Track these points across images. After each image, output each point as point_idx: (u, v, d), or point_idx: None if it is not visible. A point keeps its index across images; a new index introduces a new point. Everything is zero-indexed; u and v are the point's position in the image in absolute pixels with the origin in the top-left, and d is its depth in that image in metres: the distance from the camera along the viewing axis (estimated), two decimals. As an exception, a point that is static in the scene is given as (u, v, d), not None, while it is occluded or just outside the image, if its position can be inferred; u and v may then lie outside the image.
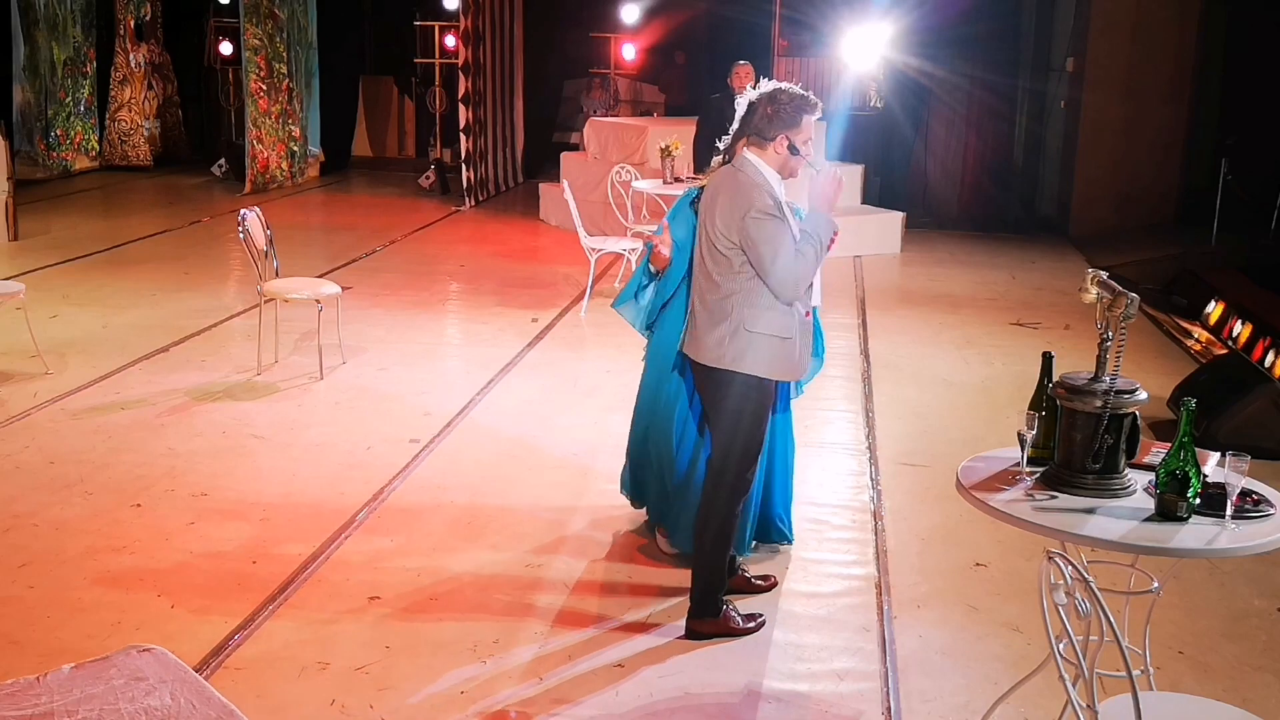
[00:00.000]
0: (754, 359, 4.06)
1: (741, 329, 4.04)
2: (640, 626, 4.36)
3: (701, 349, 4.15)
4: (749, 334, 4.04)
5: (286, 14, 14.99)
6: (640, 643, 4.24)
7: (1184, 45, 12.78)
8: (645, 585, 4.67)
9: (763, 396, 4.16)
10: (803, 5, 12.92)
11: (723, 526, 4.24)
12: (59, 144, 15.58)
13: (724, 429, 4.20)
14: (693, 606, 4.30)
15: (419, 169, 15.85)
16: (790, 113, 4.03)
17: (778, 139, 4.04)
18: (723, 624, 4.28)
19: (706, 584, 4.28)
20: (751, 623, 4.33)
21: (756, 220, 3.95)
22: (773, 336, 4.05)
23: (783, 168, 4.10)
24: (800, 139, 4.05)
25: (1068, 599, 2.79)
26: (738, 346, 4.05)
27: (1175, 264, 10.23)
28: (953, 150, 13.78)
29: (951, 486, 3.59)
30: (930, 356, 8.15)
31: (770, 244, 3.94)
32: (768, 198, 3.99)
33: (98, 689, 2.75)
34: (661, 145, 9.69)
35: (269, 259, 7.27)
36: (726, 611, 4.29)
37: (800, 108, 4.04)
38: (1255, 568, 4.87)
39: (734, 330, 4.05)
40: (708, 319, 4.12)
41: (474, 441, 6.28)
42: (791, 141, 4.04)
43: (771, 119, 4.03)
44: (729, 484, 4.21)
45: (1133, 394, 3.27)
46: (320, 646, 4.16)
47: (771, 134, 4.04)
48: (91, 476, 5.64)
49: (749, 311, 4.03)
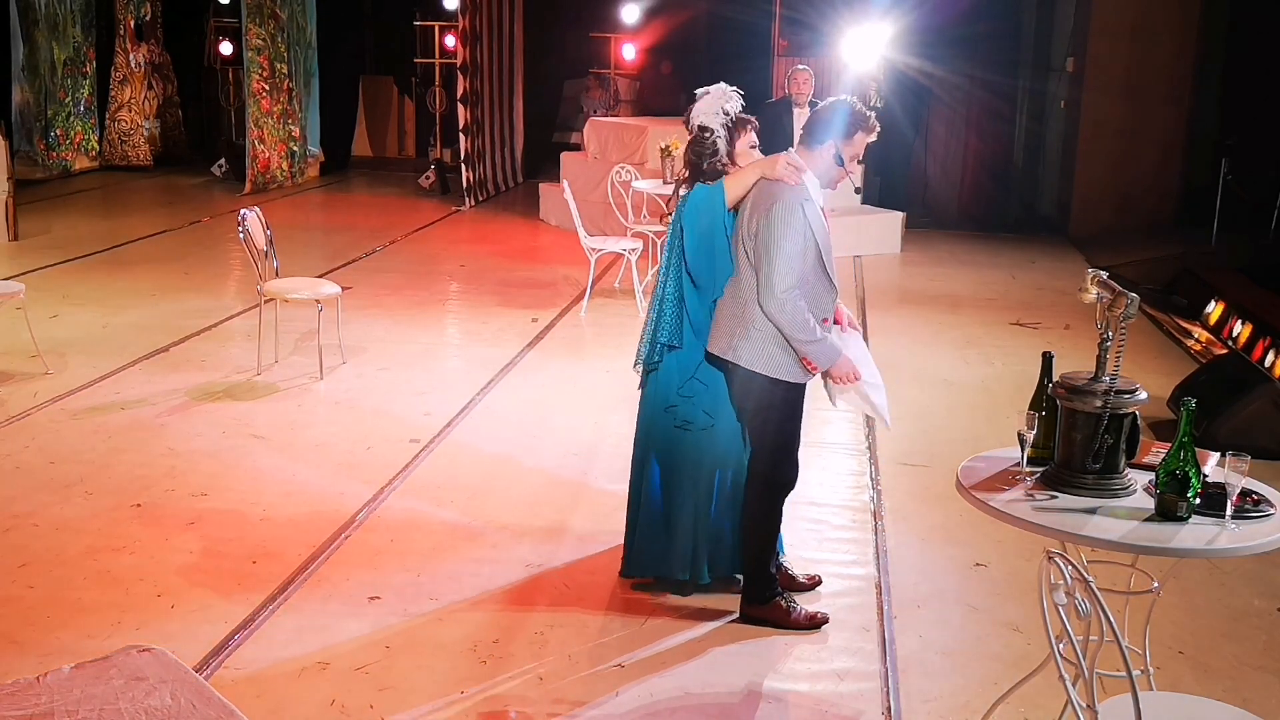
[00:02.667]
0: (765, 359, 4.13)
1: (753, 326, 4.12)
2: (641, 626, 4.35)
3: (721, 344, 4.23)
4: (758, 331, 4.11)
5: (286, 14, 15.00)
6: (640, 643, 4.24)
7: (1184, 45, 12.77)
8: (645, 585, 4.67)
9: (788, 393, 4.21)
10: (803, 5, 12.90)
11: (767, 521, 4.35)
12: (59, 144, 15.58)
13: (754, 426, 4.31)
14: (745, 590, 4.43)
15: (419, 169, 15.85)
16: (848, 123, 4.12)
17: (827, 144, 4.14)
18: (773, 611, 4.36)
19: (755, 573, 4.38)
20: (805, 619, 4.36)
21: (770, 219, 4.02)
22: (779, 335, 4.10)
23: (825, 174, 4.17)
24: (849, 151, 4.15)
25: (1068, 599, 2.79)
26: (752, 343, 4.13)
27: (1175, 264, 10.22)
28: (953, 150, 13.78)
29: (951, 486, 3.59)
30: (930, 356, 8.15)
31: (781, 241, 4.00)
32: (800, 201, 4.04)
33: (98, 689, 2.75)
34: (661, 145, 9.69)
35: (269, 259, 7.27)
36: (778, 601, 4.37)
37: (858, 123, 4.14)
38: (1255, 568, 4.87)
39: (748, 327, 4.13)
40: (728, 319, 4.20)
41: (474, 441, 6.28)
42: (840, 151, 4.13)
43: (828, 124, 4.14)
44: (770, 480, 4.31)
45: (1133, 394, 3.27)
46: (320, 647, 4.16)
47: (823, 138, 4.14)
48: (91, 476, 5.64)
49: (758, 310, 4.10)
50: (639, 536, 4.57)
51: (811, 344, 4.10)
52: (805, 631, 4.34)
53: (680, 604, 4.49)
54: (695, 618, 4.42)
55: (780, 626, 4.34)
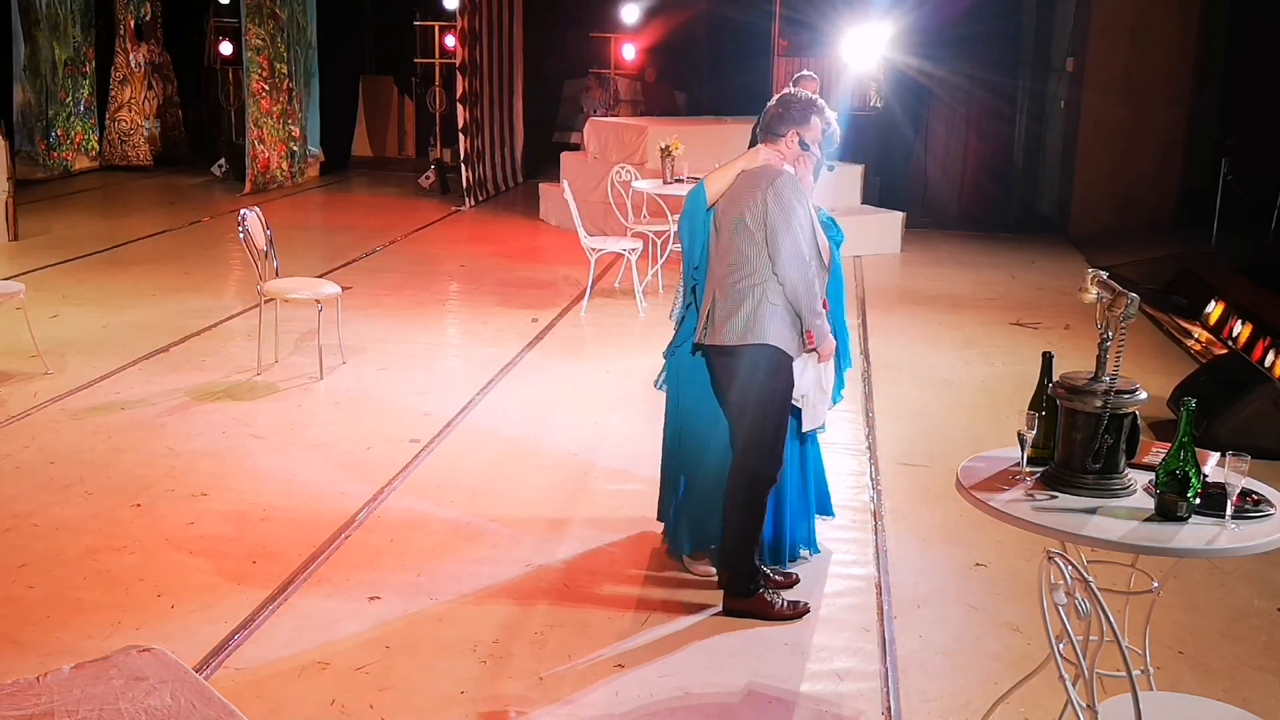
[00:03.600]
0: (775, 330, 4.23)
1: (765, 300, 4.23)
2: (640, 626, 4.36)
3: (722, 332, 4.28)
4: (771, 305, 4.22)
5: (286, 14, 14.99)
6: (640, 642, 4.24)
7: (1184, 46, 12.78)
8: (645, 585, 4.68)
9: (777, 378, 4.28)
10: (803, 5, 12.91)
11: (750, 513, 4.38)
12: (59, 144, 15.58)
13: (738, 413, 4.37)
14: (729, 584, 4.47)
15: (419, 169, 15.85)
16: (799, 111, 4.36)
17: (788, 135, 4.36)
18: (757, 604, 4.39)
19: (739, 567, 4.42)
20: (789, 610, 4.41)
21: (776, 191, 4.20)
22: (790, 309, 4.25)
23: (795, 163, 4.36)
24: (809, 136, 4.37)
25: (1068, 599, 2.79)
26: (760, 318, 4.23)
27: (1175, 264, 10.22)
28: (953, 150, 13.78)
29: (951, 486, 3.59)
30: (930, 356, 8.15)
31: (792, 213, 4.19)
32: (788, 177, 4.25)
33: (98, 689, 2.75)
34: (661, 145, 9.70)
35: (269, 259, 7.27)
36: (762, 594, 4.40)
37: (808, 108, 4.38)
38: (1255, 568, 4.87)
39: (757, 304, 4.22)
40: (729, 305, 4.27)
41: (474, 441, 6.28)
42: (802, 137, 4.35)
43: (781, 117, 4.38)
44: (752, 471, 4.34)
45: (1133, 394, 3.27)
46: (320, 646, 4.16)
47: (782, 130, 4.37)
48: (91, 476, 5.64)
49: (772, 285, 4.22)
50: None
51: (819, 317, 4.30)
52: (789, 622, 4.37)
53: (680, 604, 4.49)
54: (695, 617, 4.42)
55: (764, 619, 4.37)
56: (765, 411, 4.31)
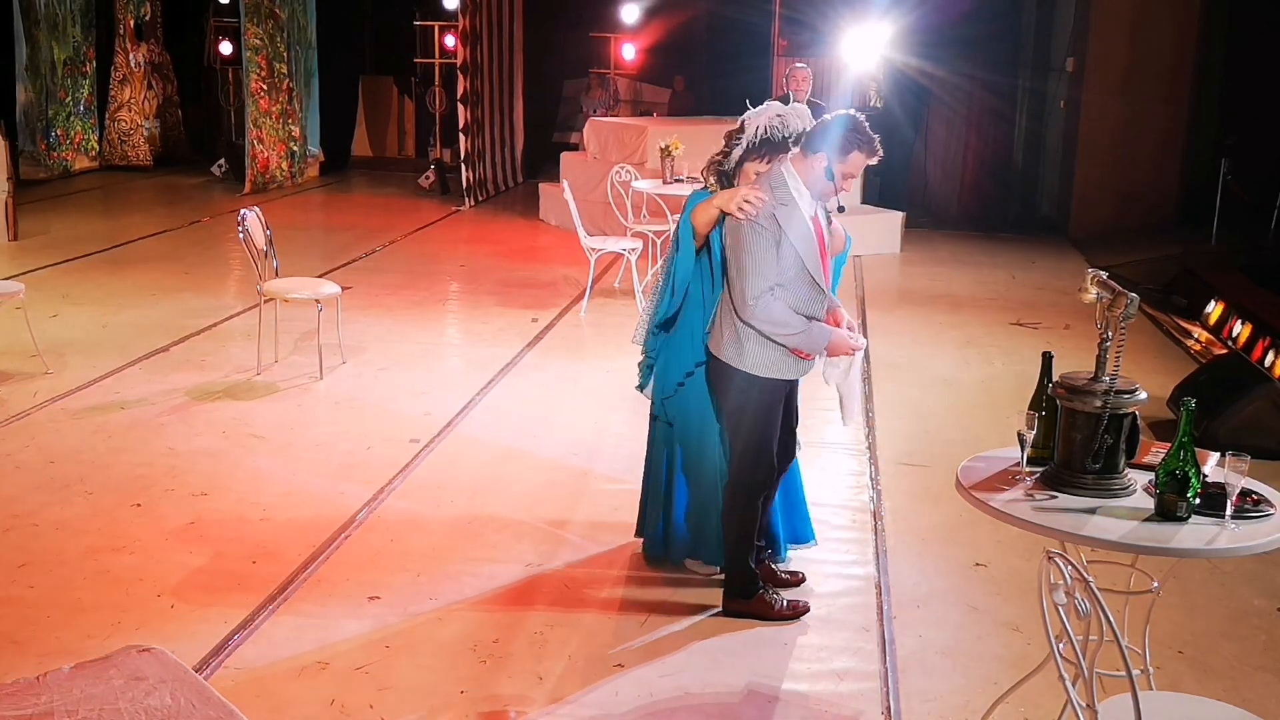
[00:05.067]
0: (752, 356, 4.16)
1: (735, 328, 4.17)
2: (640, 626, 4.36)
3: (712, 342, 4.30)
4: (745, 329, 4.14)
5: (286, 14, 14.99)
6: (640, 643, 4.24)
7: (1184, 45, 12.78)
8: (645, 585, 4.68)
9: (765, 394, 4.24)
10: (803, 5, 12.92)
11: (743, 520, 4.37)
12: (59, 144, 15.57)
13: (729, 425, 4.38)
14: (727, 587, 4.47)
15: (419, 169, 15.85)
16: (845, 138, 4.02)
17: (820, 155, 4.04)
18: (756, 605, 4.40)
19: (737, 571, 4.42)
20: (788, 609, 4.42)
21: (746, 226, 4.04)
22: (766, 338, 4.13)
23: (814, 185, 4.09)
24: (840, 170, 4.04)
25: (1067, 599, 2.79)
26: (739, 343, 4.17)
27: (1175, 264, 10.22)
28: (953, 150, 13.78)
29: (951, 486, 3.59)
30: (930, 356, 8.15)
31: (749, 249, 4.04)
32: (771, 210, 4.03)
33: (98, 689, 2.75)
34: (661, 145, 9.69)
35: (269, 259, 7.27)
36: (762, 595, 4.41)
37: (854, 140, 4.03)
38: (1255, 568, 4.87)
39: (736, 328, 4.17)
40: (718, 320, 4.27)
41: (474, 441, 6.28)
42: (831, 165, 4.03)
43: (824, 134, 4.04)
44: (743, 481, 4.34)
45: (1133, 394, 3.28)
46: (320, 646, 4.16)
47: (818, 147, 4.05)
48: (91, 476, 5.64)
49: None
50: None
51: (794, 336, 4.11)
52: (789, 622, 4.38)
53: (680, 604, 4.49)
54: (695, 617, 4.42)
55: (764, 619, 4.38)
56: (740, 422, 4.29)
